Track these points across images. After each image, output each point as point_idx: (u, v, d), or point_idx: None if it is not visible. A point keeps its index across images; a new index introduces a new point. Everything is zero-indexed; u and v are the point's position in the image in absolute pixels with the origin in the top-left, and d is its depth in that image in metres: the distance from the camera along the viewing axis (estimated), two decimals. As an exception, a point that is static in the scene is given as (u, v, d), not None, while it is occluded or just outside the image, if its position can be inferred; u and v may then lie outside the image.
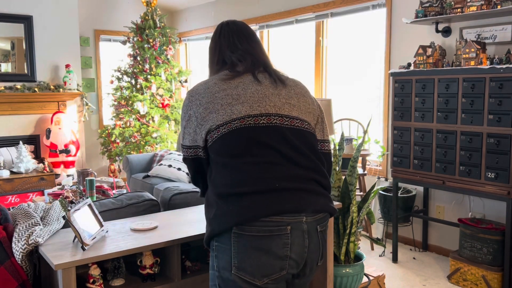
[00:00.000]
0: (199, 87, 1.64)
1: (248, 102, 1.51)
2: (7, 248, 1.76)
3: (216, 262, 1.44)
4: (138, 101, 5.87)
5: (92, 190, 3.27)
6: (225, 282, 1.41)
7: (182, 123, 1.62)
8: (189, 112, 1.59)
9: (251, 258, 1.37)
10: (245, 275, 1.38)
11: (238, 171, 1.44)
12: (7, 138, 5.58)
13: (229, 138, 1.47)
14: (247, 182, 1.41)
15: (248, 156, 1.44)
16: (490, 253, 3.17)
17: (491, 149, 3.09)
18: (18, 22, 5.58)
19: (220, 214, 1.43)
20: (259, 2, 5.60)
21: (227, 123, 1.48)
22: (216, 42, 1.78)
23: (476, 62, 3.23)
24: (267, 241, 1.37)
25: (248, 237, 1.37)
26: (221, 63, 1.74)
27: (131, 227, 1.91)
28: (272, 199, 1.39)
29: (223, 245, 1.41)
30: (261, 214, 1.37)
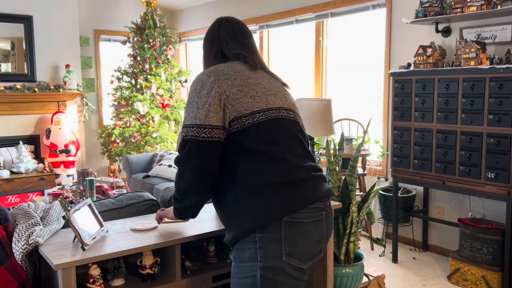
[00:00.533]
0: (224, 68, 1.55)
1: (278, 95, 1.58)
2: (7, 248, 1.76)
3: (260, 253, 1.43)
4: (138, 101, 5.88)
5: (92, 190, 3.27)
6: (272, 271, 1.43)
7: (202, 100, 1.48)
8: (217, 89, 1.48)
9: (300, 243, 1.44)
10: (294, 261, 1.44)
11: (279, 160, 1.46)
12: (7, 138, 5.59)
13: (268, 127, 1.48)
14: (291, 171, 1.46)
15: (284, 146, 1.49)
16: (490, 253, 3.17)
17: (491, 149, 3.09)
18: (18, 22, 5.58)
19: (266, 204, 1.43)
20: (259, 2, 5.60)
21: (264, 111, 1.49)
22: (214, 35, 1.72)
23: (476, 62, 3.23)
24: (312, 226, 1.47)
25: (298, 224, 1.43)
26: (220, 55, 1.68)
27: (131, 227, 1.91)
28: (312, 187, 1.49)
29: (271, 234, 1.43)
30: (309, 201, 1.46)
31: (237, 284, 1.50)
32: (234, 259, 1.53)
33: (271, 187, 1.44)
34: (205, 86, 1.50)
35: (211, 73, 1.53)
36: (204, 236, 1.90)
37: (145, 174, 5.00)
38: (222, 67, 1.56)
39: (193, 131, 1.47)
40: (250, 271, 1.45)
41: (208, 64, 1.69)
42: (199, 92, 1.50)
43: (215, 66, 1.58)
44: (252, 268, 1.45)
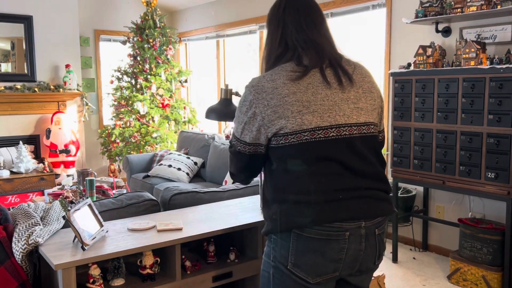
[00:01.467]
0: (265, 84, 1.50)
1: (318, 112, 1.47)
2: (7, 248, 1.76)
3: (273, 253, 1.51)
4: (138, 101, 5.88)
5: (92, 190, 3.28)
6: (279, 274, 1.49)
7: (240, 116, 1.53)
8: (254, 109, 1.49)
9: (307, 258, 1.45)
10: (300, 272, 1.46)
11: (302, 180, 1.46)
12: (7, 138, 5.59)
13: (298, 149, 1.46)
14: (312, 193, 1.45)
15: (314, 168, 1.47)
16: (490, 253, 3.17)
17: (491, 149, 3.09)
18: (18, 22, 5.59)
19: (281, 214, 1.47)
20: (259, 2, 5.60)
21: (296, 133, 1.46)
22: (279, 18, 1.57)
23: (476, 62, 3.23)
24: (324, 244, 1.44)
25: (307, 238, 1.44)
26: (284, 45, 1.56)
27: (128, 227, 1.91)
28: (335, 208, 1.45)
29: (282, 240, 1.48)
30: (323, 221, 1.43)
31: (261, 274, 1.60)
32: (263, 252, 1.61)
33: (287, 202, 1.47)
34: (245, 103, 1.53)
35: (252, 88, 1.51)
36: (204, 236, 1.90)
37: (145, 174, 5.00)
38: (264, 81, 1.50)
39: (234, 140, 1.59)
40: (267, 267, 1.54)
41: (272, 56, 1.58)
42: (241, 107, 1.55)
43: (259, 79, 1.52)
44: (269, 265, 1.53)
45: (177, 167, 4.84)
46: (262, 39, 5.71)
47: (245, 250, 2.10)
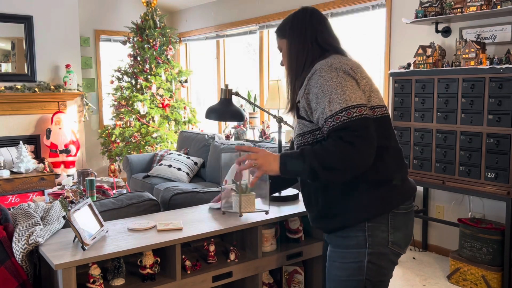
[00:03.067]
0: (347, 62, 1.56)
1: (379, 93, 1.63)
2: (7, 248, 1.76)
3: (369, 240, 1.54)
4: (138, 101, 5.88)
5: (92, 190, 3.28)
6: (377, 256, 1.55)
7: (346, 84, 1.47)
8: (354, 77, 1.52)
9: (401, 232, 1.57)
10: (397, 248, 1.57)
11: (397, 156, 1.58)
12: (7, 138, 5.59)
13: (384, 122, 1.56)
14: (402, 167, 1.59)
15: (395, 142, 1.60)
16: (490, 253, 3.17)
17: (491, 149, 3.09)
18: (18, 22, 5.59)
19: (382, 197, 1.53)
20: (259, 2, 5.61)
21: (380, 107, 1.57)
22: (307, 24, 1.65)
23: (475, 62, 3.23)
24: (408, 217, 1.60)
25: (401, 214, 1.57)
26: (318, 48, 1.63)
27: (129, 227, 1.92)
28: (410, 183, 1.64)
29: (379, 224, 1.54)
30: (410, 195, 1.61)
31: (340, 268, 1.59)
32: (337, 246, 1.60)
33: (389, 182, 1.55)
34: (345, 74, 1.50)
35: (339, 64, 1.52)
36: (204, 236, 1.90)
37: (145, 174, 5.00)
38: (344, 60, 1.56)
39: (366, 110, 1.46)
40: (356, 257, 1.55)
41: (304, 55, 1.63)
42: (343, 80, 1.48)
43: (338, 59, 1.54)
44: (359, 254, 1.55)
45: (177, 167, 4.84)
46: (262, 39, 5.71)
47: (245, 250, 2.11)
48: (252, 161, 1.60)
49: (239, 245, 2.12)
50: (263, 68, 5.74)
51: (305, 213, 2.14)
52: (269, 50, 5.74)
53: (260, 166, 1.58)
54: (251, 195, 1.95)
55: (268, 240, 2.12)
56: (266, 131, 5.20)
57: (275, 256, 2.11)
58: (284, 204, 2.27)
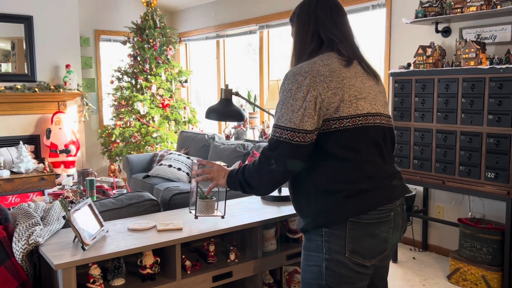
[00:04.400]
0: (320, 68, 1.50)
1: (367, 99, 1.55)
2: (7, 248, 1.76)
3: (326, 246, 1.52)
4: (138, 101, 5.88)
5: (92, 190, 3.28)
6: (335, 263, 1.51)
7: (296, 104, 1.47)
8: (312, 92, 1.46)
9: (363, 243, 1.51)
10: (358, 258, 1.51)
11: (356, 168, 1.51)
12: (7, 138, 5.59)
13: (353, 134, 1.50)
14: (364, 180, 1.51)
15: (364, 154, 1.52)
16: (490, 253, 3.17)
17: (490, 149, 3.09)
18: (18, 22, 5.59)
19: (334, 205, 1.50)
20: (259, 2, 5.61)
21: (352, 118, 1.49)
22: (311, 13, 1.60)
23: (475, 62, 3.23)
24: (376, 227, 1.52)
25: (362, 224, 1.50)
26: (317, 39, 1.59)
27: (129, 227, 1.92)
28: (383, 192, 1.55)
29: (336, 231, 1.51)
30: (377, 206, 1.52)
31: (305, 270, 1.60)
32: (303, 247, 1.62)
33: (343, 191, 1.50)
34: (300, 89, 1.47)
35: (307, 74, 1.49)
36: (204, 236, 1.90)
37: (145, 174, 5.00)
38: (318, 66, 1.51)
39: (287, 134, 1.47)
40: (316, 261, 1.55)
41: (303, 47, 1.60)
42: (294, 94, 1.48)
43: (310, 64, 1.51)
44: (318, 258, 1.54)
45: (177, 167, 4.84)
46: (262, 39, 5.71)
47: (245, 250, 2.11)
48: (206, 175, 1.82)
49: (239, 245, 2.12)
50: (263, 68, 5.74)
51: (305, 213, 2.15)
52: (269, 50, 5.74)
53: (212, 179, 1.80)
54: (211, 201, 2.00)
55: (268, 240, 2.12)
56: (266, 131, 5.20)
57: (275, 256, 2.11)
58: (284, 204, 2.27)
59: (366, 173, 1.52)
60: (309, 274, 1.57)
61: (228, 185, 1.73)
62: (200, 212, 1.96)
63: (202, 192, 1.99)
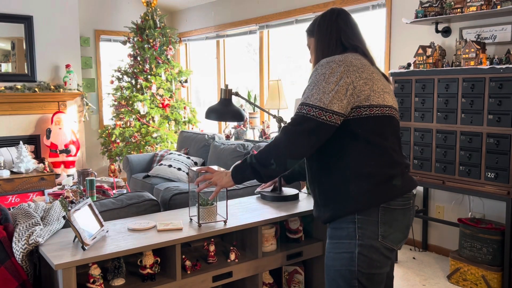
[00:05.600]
0: (352, 60, 1.64)
1: (390, 94, 1.71)
2: (7, 248, 1.76)
3: (359, 232, 1.60)
4: (138, 101, 5.88)
5: (92, 190, 3.28)
6: (368, 249, 1.60)
7: (328, 86, 1.57)
8: (345, 79, 1.58)
9: (393, 228, 1.62)
10: (388, 242, 1.62)
11: (385, 153, 1.63)
12: (7, 138, 5.59)
13: (381, 121, 1.63)
14: (393, 165, 1.64)
15: (390, 141, 1.66)
16: (490, 253, 3.17)
17: (491, 149, 3.09)
18: (18, 22, 5.59)
19: (367, 191, 1.59)
20: (259, 2, 5.61)
21: (380, 107, 1.62)
22: (332, 24, 1.76)
23: (476, 62, 3.23)
24: (403, 213, 1.65)
25: (392, 210, 1.61)
26: (340, 46, 1.74)
27: (129, 227, 1.92)
28: (405, 180, 1.67)
29: (369, 217, 1.60)
30: (403, 192, 1.64)
31: (334, 258, 1.66)
32: (331, 237, 1.68)
33: (376, 176, 1.60)
34: (334, 74, 1.59)
35: (341, 62, 1.61)
36: (204, 236, 1.90)
37: (145, 174, 5.00)
38: (351, 58, 1.64)
39: (315, 112, 1.57)
40: (348, 247, 1.62)
41: (328, 52, 1.73)
42: (328, 78, 1.59)
43: (344, 56, 1.64)
44: (350, 245, 1.61)
45: (177, 167, 4.84)
46: (262, 39, 5.71)
47: (245, 250, 2.11)
48: (208, 181, 1.86)
49: (239, 245, 2.12)
50: (263, 68, 5.74)
51: (305, 213, 2.15)
52: (269, 50, 5.74)
53: (215, 182, 1.83)
54: (212, 207, 2.00)
55: (268, 240, 2.12)
56: (266, 131, 5.20)
57: (275, 256, 2.11)
58: (284, 204, 2.27)
59: (393, 159, 1.64)
60: (339, 261, 1.63)
61: (235, 179, 1.77)
62: (202, 219, 1.97)
63: (203, 199, 2.00)
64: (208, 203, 1.99)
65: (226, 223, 1.98)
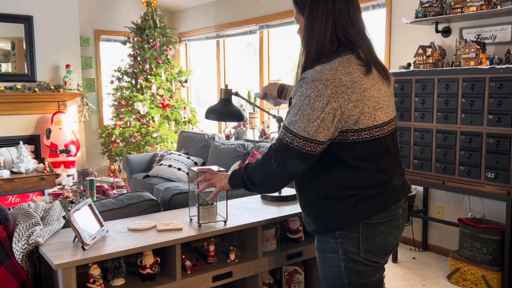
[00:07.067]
0: (342, 78, 1.43)
1: (383, 108, 1.53)
2: (7, 248, 1.76)
3: (341, 247, 1.55)
4: (138, 101, 5.88)
5: (92, 190, 3.28)
6: (353, 262, 1.55)
7: (313, 113, 1.41)
8: (333, 104, 1.41)
9: (376, 241, 1.55)
10: (372, 256, 1.55)
11: (369, 176, 1.52)
12: (7, 138, 5.59)
13: (370, 145, 1.49)
14: (375, 186, 1.53)
15: (377, 162, 1.54)
16: (490, 253, 3.17)
17: (491, 149, 3.09)
18: (18, 22, 5.59)
19: (346, 210, 1.52)
20: (259, 2, 5.61)
21: (369, 129, 1.48)
22: (329, 11, 1.47)
23: (476, 62, 3.23)
24: (388, 225, 1.56)
25: (375, 224, 1.54)
26: (335, 41, 1.49)
27: (129, 227, 1.92)
28: (392, 193, 1.58)
29: (350, 233, 1.53)
30: (387, 207, 1.55)
31: (324, 271, 1.62)
32: (318, 249, 1.64)
33: (354, 197, 1.52)
34: (320, 98, 1.41)
35: (328, 82, 1.41)
36: (204, 236, 1.90)
37: (145, 174, 5.00)
38: (340, 74, 1.43)
39: (298, 142, 1.44)
40: (333, 261, 1.57)
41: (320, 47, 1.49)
42: (313, 103, 1.42)
43: (332, 71, 1.43)
44: (335, 259, 1.57)
45: (177, 167, 4.84)
46: (262, 39, 5.71)
47: (245, 250, 2.11)
48: (207, 182, 1.83)
49: (239, 245, 2.12)
50: (263, 68, 5.74)
51: (305, 213, 2.15)
52: (269, 50, 5.74)
53: (214, 184, 1.80)
54: (212, 207, 2.00)
55: (268, 240, 2.12)
56: (266, 131, 5.20)
57: (275, 256, 2.11)
58: (284, 204, 2.27)
59: (378, 180, 1.54)
60: (329, 274, 1.60)
61: (231, 184, 1.72)
62: (202, 220, 1.97)
63: (203, 199, 2.00)
64: (208, 203, 1.99)
65: (226, 223, 1.98)
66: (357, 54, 1.49)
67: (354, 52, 1.49)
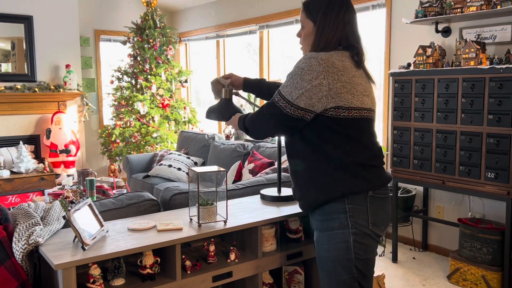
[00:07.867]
0: (335, 61, 1.65)
1: (370, 97, 1.75)
2: (7, 248, 1.76)
3: (351, 221, 1.68)
4: (138, 101, 5.88)
5: (92, 190, 3.28)
6: (361, 236, 1.68)
7: (301, 83, 1.63)
8: (321, 80, 1.62)
9: (380, 215, 1.73)
10: (377, 229, 1.72)
11: (366, 147, 1.73)
12: (7, 138, 5.59)
13: (359, 122, 1.69)
14: (375, 157, 1.75)
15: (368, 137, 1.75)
16: (490, 253, 3.17)
17: (490, 149, 3.09)
18: (18, 22, 5.59)
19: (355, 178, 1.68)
20: (259, 2, 5.61)
21: (358, 109, 1.68)
22: (340, 20, 1.73)
23: (476, 62, 3.23)
24: (385, 202, 1.77)
25: (378, 199, 1.72)
26: (337, 42, 1.73)
27: (129, 227, 1.92)
28: (385, 172, 1.80)
29: (359, 206, 1.69)
30: (386, 182, 1.77)
31: (329, 249, 1.71)
32: (322, 229, 1.74)
33: (361, 166, 1.69)
34: (311, 72, 1.63)
35: (323, 61, 1.64)
36: (204, 236, 1.90)
37: (145, 174, 5.00)
38: (334, 58, 1.66)
39: (282, 103, 1.68)
40: (342, 237, 1.68)
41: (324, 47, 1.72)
42: (303, 75, 1.64)
43: (329, 55, 1.66)
44: (344, 234, 1.68)
45: (177, 167, 4.84)
46: (262, 39, 5.71)
47: (245, 250, 2.11)
48: None
49: (239, 245, 2.12)
50: (263, 68, 5.74)
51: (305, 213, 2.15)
52: (269, 50, 5.74)
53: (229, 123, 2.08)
54: (212, 207, 2.00)
55: (268, 240, 2.12)
56: (266, 131, 5.20)
57: (275, 256, 2.11)
58: (284, 204, 2.27)
59: (374, 153, 1.74)
60: (336, 252, 1.69)
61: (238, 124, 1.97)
62: (202, 219, 1.97)
63: (203, 199, 2.00)
64: (208, 203, 1.99)
65: (226, 223, 1.98)
66: (351, 54, 1.73)
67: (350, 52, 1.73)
